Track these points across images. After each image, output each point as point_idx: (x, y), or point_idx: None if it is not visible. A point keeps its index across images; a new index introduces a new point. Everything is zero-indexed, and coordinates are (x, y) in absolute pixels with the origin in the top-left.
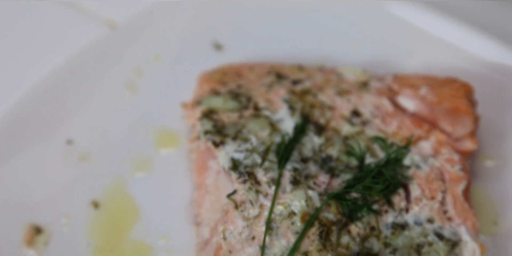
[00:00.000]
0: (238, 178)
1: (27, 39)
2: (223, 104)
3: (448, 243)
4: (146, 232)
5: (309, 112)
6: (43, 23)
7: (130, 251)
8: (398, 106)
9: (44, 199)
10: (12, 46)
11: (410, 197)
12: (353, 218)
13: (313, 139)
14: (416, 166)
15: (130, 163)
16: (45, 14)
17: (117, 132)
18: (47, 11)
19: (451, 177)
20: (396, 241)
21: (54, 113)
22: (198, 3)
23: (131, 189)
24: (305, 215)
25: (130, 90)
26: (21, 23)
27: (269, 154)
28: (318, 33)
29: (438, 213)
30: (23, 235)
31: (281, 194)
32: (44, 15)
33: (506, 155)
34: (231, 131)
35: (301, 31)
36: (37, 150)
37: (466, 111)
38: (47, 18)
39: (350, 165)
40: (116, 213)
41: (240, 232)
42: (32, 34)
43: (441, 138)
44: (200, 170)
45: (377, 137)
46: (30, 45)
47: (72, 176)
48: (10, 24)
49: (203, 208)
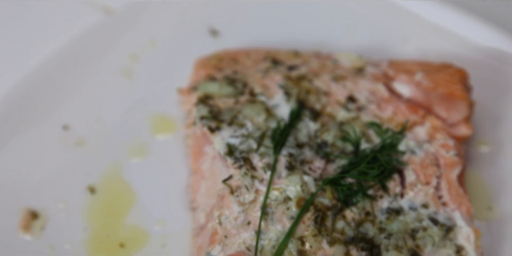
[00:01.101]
0: (233, 164)
1: (23, 25)
2: (219, 90)
3: (442, 228)
4: (142, 217)
5: (304, 98)
6: (39, 9)
7: (126, 236)
8: (393, 92)
9: (41, 184)
10: (8, 32)
11: (405, 183)
12: (348, 203)
13: (309, 124)
14: (411, 152)
15: (126, 148)
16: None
17: (113, 117)
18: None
19: (446, 163)
20: (391, 226)
21: (50, 99)
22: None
23: (127, 174)
24: (301, 200)
25: (126, 76)
26: (17, 9)
27: (264, 140)
28: (314, 19)
29: (433, 198)
30: (19, 220)
31: (277, 180)
32: (40, 0)
33: (501, 140)
34: (227, 117)
35: (297, 17)
36: (33, 136)
37: (461, 96)
38: (43, 3)
39: (345, 151)
40: (112, 199)
41: (235, 217)
42: (28, 20)
43: (436, 124)
44: (196, 156)
45: (373, 122)
46: (26, 31)
47: (68, 161)
48: (5, 10)
49: (199, 193)
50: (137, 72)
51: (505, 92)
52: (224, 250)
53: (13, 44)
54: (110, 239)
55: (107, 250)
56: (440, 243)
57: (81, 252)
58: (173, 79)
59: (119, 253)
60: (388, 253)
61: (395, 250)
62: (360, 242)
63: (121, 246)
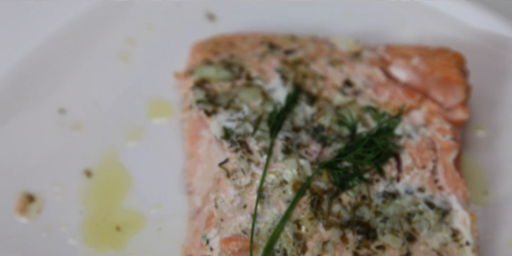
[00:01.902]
0: (230, 147)
1: (19, 8)
2: (215, 74)
3: (438, 212)
4: (138, 200)
5: (301, 82)
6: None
7: (122, 220)
8: (390, 76)
9: (37, 168)
10: (4, 15)
11: (401, 166)
12: (345, 187)
13: (305, 108)
14: (407, 136)
15: (123, 132)
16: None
17: (109, 101)
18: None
19: (442, 147)
20: (387, 209)
21: (47, 83)
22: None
23: (123, 158)
24: (297, 183)
25: (123, 60)
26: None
27: (261, 123)
28: (311, 3)
29: (429, 182)
30: (15, 203)
31: (273, 163)
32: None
33: (497, 125)
34: (223, 101)
35: (294, 1)
36: (29, 119)
37: (457, 80)
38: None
39: (341, 135)
40: (109, 182)
41: (231, 200)
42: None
43: (432, 108)
44: (192, 139)
45: (369, 106)
46: (23, 15)
47: (65, 145)
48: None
49: (195, 177)
50: (133, 56)
51: (502, 77)
52: (220, 233)
53: (10, 27)
54: (106, 222)
55: (103, 233)
56: (436, 226)
57: (77, 235)
58: (170, 63)
59: (115, 236)
60: (384, 236)
61: (391, 234)
62: (356, 225)
63: (117, 229)
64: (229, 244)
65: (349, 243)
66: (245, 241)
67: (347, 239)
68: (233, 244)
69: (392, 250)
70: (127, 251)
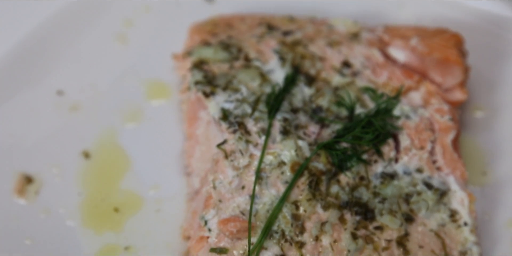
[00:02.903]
0: (228, 128)
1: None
2: (213, 55)
3: (436, 193)
4: (137, 182)
5: (299, 63)
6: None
7: (120, 201)
8: (388, 57)
9: (35, 149)
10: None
11: (400, 147)
12: (343, 167)
13: (304, 89)
14: (406, 116)
15: (121, 114)
16: None
17: (108, 83)
18: None
19: (441, 127)
20: (385, 190)
21: (44, 65)
22: None
23: (121, 139)
24: (295, 164)
25: (121, 42)
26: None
27: (259, 104)
28: None
29: (427, 163)
30: (14, 184)
31: (271, 144)
32: None
33: (495, 106)
34: (222, 82)
35: None
36: (27, 101)
37: (456, 61)
38: None
39: (340, 116)
40: (107, 164)
41: (230, 181)
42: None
43: (431, 89)
44: (190, 121)
45: (367, 87)
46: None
47: (63, 126)
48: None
49: (193, 158)
50: (131, 37)
51: (501, 57)
52: (219, 214)
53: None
54: (104, 204)
55: (102, 215)
56: (434, 207)
57: (76, 216)
58: (168, 44)
59: (113, 217)
60: (382, 217)
61: (389, 214)
62: (354, 206)
63: (116, 210)
64: (227, 225)
65: (347, 224)
66: (243, 222)
67: (345, 220)
68: (231, 225)
69: (390, 230)
70: (125, 233)
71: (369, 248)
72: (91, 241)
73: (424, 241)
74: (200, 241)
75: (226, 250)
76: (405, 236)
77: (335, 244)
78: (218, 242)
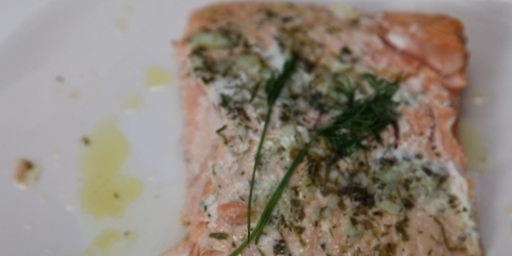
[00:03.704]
0: (227, 114)
1: None
2: (213, 41)
3: (436, 178)
4: (136, 168)
5: (299, 49)
6: None
7: (120, 187)
8: (388, 44)
9: (35, 135)
10: None
11: (399, 133)
12: (342, 153)
13: (303, 76)
14: (405, 103)
15: (121, 100)
16: None
17: (107, 69)
18: None
19: (440, 113)
20: (384, 176)
21: (44, 51)
22: None
23: (121, 125)
24: (294, 150)
25: (121, 28)
26: None
27: (258, 90)
28: None
29: (427, 149)
30: (14, 170)
31: (271, 130)
32: None
33: (495, 92)
34: (221, 68)
35: None
36: (27, 87)
37: (455, 47)
38: None
39: (339, 102)
40: (107, 149)
41: (229, 167)
42: None
43: (430, 75)
44: (190, 107)
45: (367, 74)
46: None
47: (62, 112)
48: None
49: (193, 144)
50: (131, 24)
51: (501, 44)
52: (218, 200)
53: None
54: (104, 189)
55: (101, 200)
56: (433, 193)
57: (75, 202)
58: (167, 31)
59: (113, 203)
60: (381, 202)
61: (389, 200)
62: (354, 192)
63: (115, 196)
64: (227, 211)
65: (346, 209)
66: (242, 207)
67: (345, 205)
68: (231, 210)
69: (389, 216)
70: (125, 218)
71: (368, 233)
72: (91, 226)
73: (423, 227)
74: (199, 227)
75: (225, 235)
76: (404, 221)
77: (335, 229)
78: (218, 227)
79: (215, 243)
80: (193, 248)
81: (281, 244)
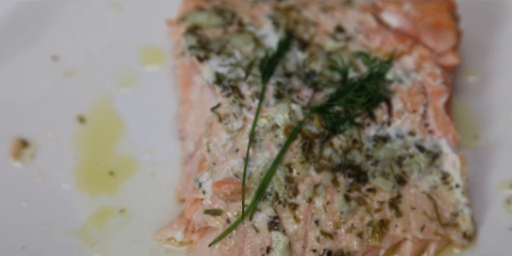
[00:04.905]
0: (222, 92)
1: None
2: (207, 20)
3: (429, 155)
4: (132, 146)
5: (293, 28)
6: None
7: (115, 165)
8: (381, 22)
9: (30, 114)
10: None
11: (392, 111)
12: (336, 131)
13: (297, 54)
14: (398, 80)
15: (116, 79)
16: None
17: (102, 48)
18: None
19: (433, 91)
20: (378, 153)
21: (39, 30)
22: None
23: (116, 104)
24: (288, 128)
25: (115, 7)
26: None
27: (253, 68)
28: None
29: (420, 126)
30: (9, 148)
31: (265, 108)
32: None
33: (488, 70)
34: (215, 46)
35: None
36: (22, 66)
37: (448, 25)
38: None
39: (333, 80)
40: (102, 128)
41: (224, 144)
42: None
43: (423, 53)
44: (184, 85)
45: (361, 52)
46: None
47: (58, 91)
48: None
49: (187, 122)
50: (126, 3)
51: (494, 22)
52: (213, 177)
53: None
54: (99, 167)
55: (97, 178)
56: (426, 169)
57: (71, 179)
58: (162, 10)
59: (108, 180)
60: (375, 179)
61: (382, 177)
62: (347, 169)
63: (111, 174)
64: (221, 187)
65: (340, 186)
66: (237, 184)
67: (338, 182)
68: (225, 187)
69: (382, 192)
70: (120, 195)
71: (361, 209)
72: (87, 204)
73: (416, 203)
74: (194, 203)
75: (220, 212)
76: (398, 198)
77: (328, 206)
78: (212, 204)
79: (210, 220)
80: (188, 225)
81: (275, 220)
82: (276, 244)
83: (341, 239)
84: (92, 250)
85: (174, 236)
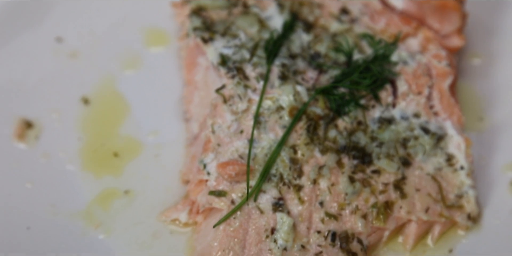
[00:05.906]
0: (226, 73)
1: None
2: (212, 2)
3: (433, 137)
4: (136, 127)
5: (298, 10)
6: None
7: (120, 146)
8: (386, 4)
9: (35, 95)
10: None
11: (397, 92)
12: (341, 112)
13: (302, 36)
14: (403, 62)
15: (120, 61)
16: None
17: (106, 30)
18: None
19: (438, 73)
20: (382, 135)
21: (42, 12)
22: None
23: (121, 86)
24: (293, 109)
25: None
26: None
27: (257, 50)
28: None
29: (425, 108)
30: (14, 129)
31: (269, 89)
32: None
33: (493, 52)
34: (220, 28)
35: None
36: (27, 47)
37: (454, 7)
38: None
39: (338, 61)
40: (106, 109)
41: (228, 125)
42: None
43: (428, 35)
44: (189, 67)
45: (366, 34)
46: None
47: (62, 73)
48: None
49: (192, 104)
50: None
51: (499, 4)
52: (217, 158)
53: None
54: (104, 149)
55: (101, 159)
56: (431, 151)
57: (76, 160)
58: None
59: (113, 162)
60: (379, 161)
61: (387, 158)
62: (352, 150)
63: (115, 155)
64: (226, 168)
65: (344, 168)
66: (241, 165)
67: (343, 163)
68: (230, 168)
69: (387, 174)
70: (124, 177)
71: (366, 191)
72: (91, 185)
73: (421, 185)
74: (199, 185)
75: (224, 193)
76: (402, 179)
77: (333, 187)
78: (217, 185)
79: (214, 201)
80: (192, 206)
81: (280, 202)
82: (281, 225)
83: (346, 221)
84: (96, 231)
85: (178, 217)
